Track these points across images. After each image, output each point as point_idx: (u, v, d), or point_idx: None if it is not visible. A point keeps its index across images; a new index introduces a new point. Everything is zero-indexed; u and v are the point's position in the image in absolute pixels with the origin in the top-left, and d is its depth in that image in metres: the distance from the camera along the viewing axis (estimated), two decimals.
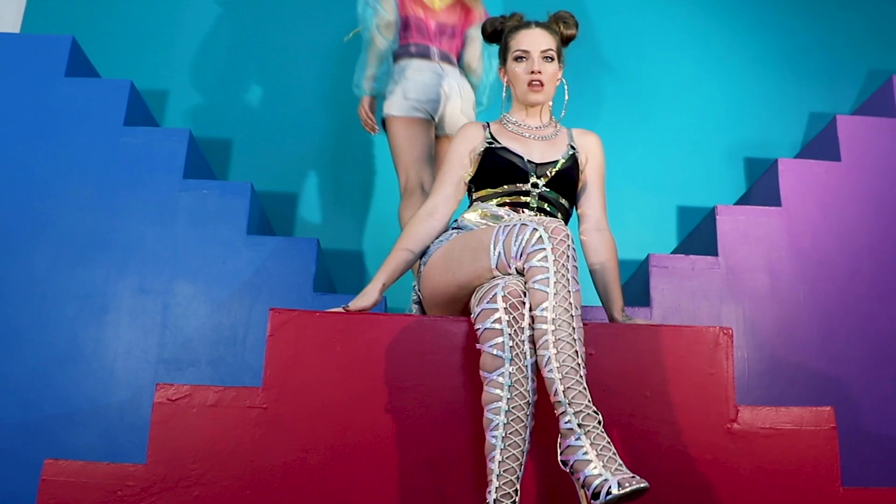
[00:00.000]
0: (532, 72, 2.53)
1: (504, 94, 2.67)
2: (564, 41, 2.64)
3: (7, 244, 3.02)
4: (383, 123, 3.44)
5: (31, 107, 3.20)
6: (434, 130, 3.45)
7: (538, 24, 2.59)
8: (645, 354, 2.24)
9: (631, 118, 4.19)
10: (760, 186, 3.50)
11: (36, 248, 3.03)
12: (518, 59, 2.55)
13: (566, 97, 2.59)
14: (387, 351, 2.22)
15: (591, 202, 2.58)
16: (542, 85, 2.54)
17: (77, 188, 3.10)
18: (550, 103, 2.65)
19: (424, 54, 3.41)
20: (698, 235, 3.46)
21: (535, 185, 2.49)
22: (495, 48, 2.69)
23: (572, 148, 2.58)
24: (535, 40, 2.55)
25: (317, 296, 3.03)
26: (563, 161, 2.53)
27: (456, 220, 2.52)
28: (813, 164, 3.30)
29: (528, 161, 2.50)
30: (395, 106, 3.36)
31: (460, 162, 2.55)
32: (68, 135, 3.17)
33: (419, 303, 2.51)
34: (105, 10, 4.23)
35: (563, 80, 2.62)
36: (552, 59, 2.55)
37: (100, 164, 3.14)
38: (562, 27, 2.62)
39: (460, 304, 2.30)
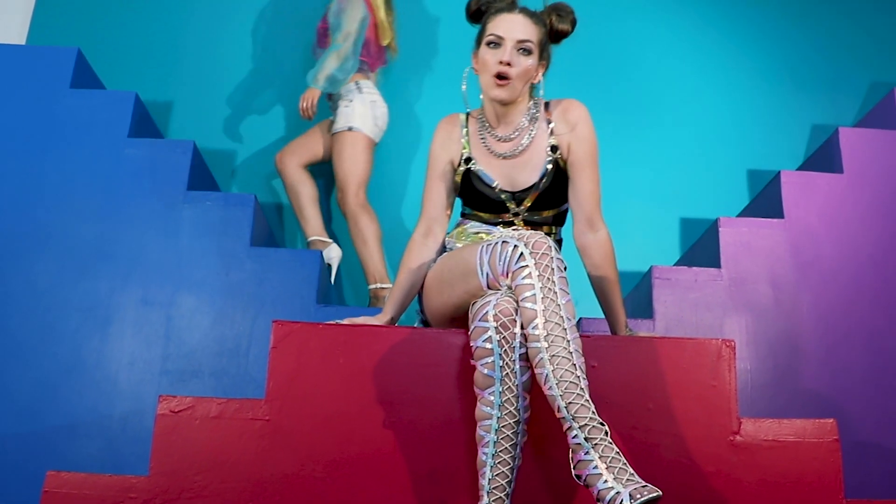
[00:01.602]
0: (501, 61, 2.28)
1: (464, 86, 2.41)
2: (554, 37, 2.39)
3: (11, 255, 3.03)
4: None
5: (37, 118, 3.22)
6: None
7: (523, 11, 2.34)
8: (647, 367, 2.24)
9: (633, 129, 4.20)
10: (763, 198, 3.50)
11: (39, 258, 3.03)
12: (490, 44, 2.31)
13: (541, 92, 2.41)
14: (390, 363, 2.22)
15: (578, 195, 2.37)
16: (508, 80, 2.30)
17: (81, 199, 3.11)
18: (528, 102, 2.42)
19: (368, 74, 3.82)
20: (701, 247, 3.46)
21: (516, 214, 2.42)
22: None
23: (552, 151, 2.38)
24: (512, 27, 2.30)
25: (320, 308, 3.04)
26: (543, 180, 2.38)
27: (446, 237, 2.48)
28: (815, 176, 3.30)
29: (502, 191, 2.39)
30: (367, 127, 3.70)
31: (443, 172, 2.45)
32: (73, 146, 3.18)
33: (424, 321, 2.49)
34: (110, 22, 4.24)
35: (541, 81, 2.38)
36: (529, 52, 2.30)
37: (104, 175, 3.15)
38: (553, 19, 2.38)
39: (464, 318, 2.30)
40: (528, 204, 2.40)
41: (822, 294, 3.11)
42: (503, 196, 2.40)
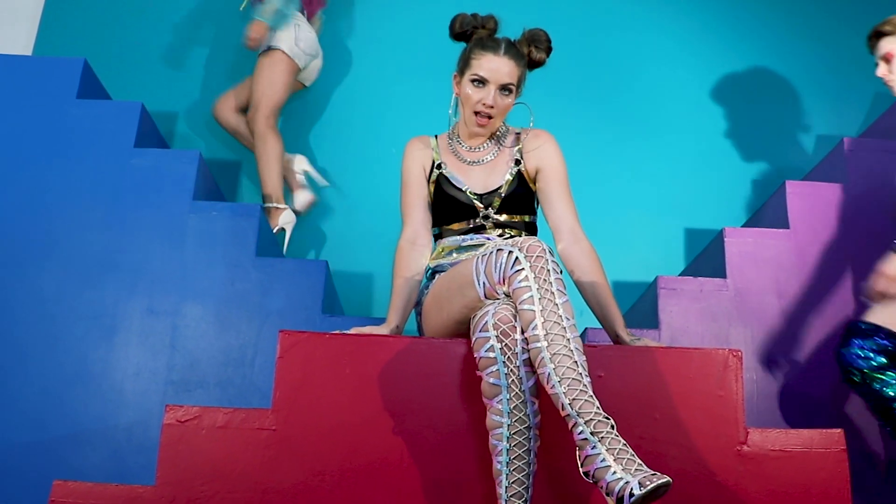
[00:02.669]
0: (484, 104, 2.47)
1: (452, 107, 2.61)
2: (531, 65, 2.55)
3: (17, 264, 3.03)
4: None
5: (43, 128, 3.22)
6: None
7: (507, 51, 2.47)
8: (653, 377, 2.24)
9: (637, 140, 4.20)
10: (768, 208, 3.50)
11: (45, 268, 3.04)
12: (474, 82, 2.48)
13: (531, 121, 2.58)
14: (396, 372, 2.22)
15: (558, 212, 2.51)
16: (489, 119, 2.50)
17: (87, 209, 3.11)
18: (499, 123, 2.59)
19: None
20: (706, 257, 3.46)
21: (486, 217, 2.52)
22: None
23: (517, 163, 2.55)
24: (497, 70, 2.46)
25: (325, 318, 3.04)
26: (506, 185, 2.53)
27: (430, 266, 2.53)
28: (821, 187, 3.30)
29: (471, 193, 2.52)
30: (286, 45, 3.80)
31: (418, 181, 2.59)
32: (79, 156, 3.19)
33: None
34: (117, 32, 4.26)
35: (528, 106, 2.57)
36: (510, 91, 2.49)
37: (110, 185, 3.15)
38: (532, 51, 2.53)
39: (465, 335, 2.30)
40: (496, 206, 2.51)
41: (827, 304, 3.10)
42: (473, 197, 2.52)
